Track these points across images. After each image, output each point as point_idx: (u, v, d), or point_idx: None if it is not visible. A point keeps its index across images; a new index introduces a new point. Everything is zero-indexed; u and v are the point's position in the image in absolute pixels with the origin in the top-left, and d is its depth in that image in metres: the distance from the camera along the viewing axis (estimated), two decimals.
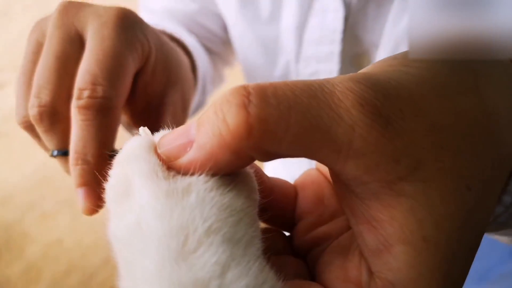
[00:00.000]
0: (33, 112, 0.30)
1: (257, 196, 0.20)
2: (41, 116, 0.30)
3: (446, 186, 0.17)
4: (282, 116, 0.16)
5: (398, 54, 0.20)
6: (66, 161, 0.32)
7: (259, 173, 0.22)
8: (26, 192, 1.45)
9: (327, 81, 0.17)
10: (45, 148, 0.34)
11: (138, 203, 0.17)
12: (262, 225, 0.22)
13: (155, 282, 0.15)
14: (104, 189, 0.21)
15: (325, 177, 0.25)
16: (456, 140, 0.17)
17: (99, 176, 0.27)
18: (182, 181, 0.17)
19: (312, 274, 0.22)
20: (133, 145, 0.19)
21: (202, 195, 0.17)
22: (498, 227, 0.23)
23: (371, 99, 0.16)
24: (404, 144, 0.16)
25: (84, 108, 0.29)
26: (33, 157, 1.61)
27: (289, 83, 0.17)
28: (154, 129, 0.32)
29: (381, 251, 0.17)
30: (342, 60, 0.49)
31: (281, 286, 0.17)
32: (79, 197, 0.29)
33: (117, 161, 0.19)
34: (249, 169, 0.20)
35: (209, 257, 0.15)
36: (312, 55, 0.50)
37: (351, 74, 0.18)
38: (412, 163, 0.16)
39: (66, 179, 0.34)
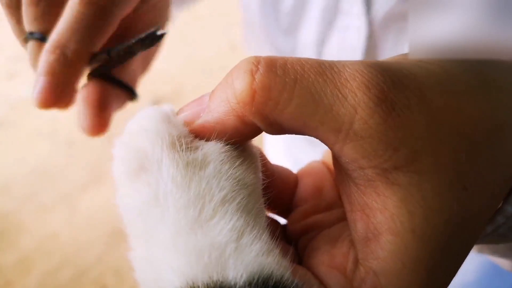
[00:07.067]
0: None
1: (261, 175, 0.20)
2: None
3: (440, 181, 0.17)
4: (286, 87, 0.17)
5: None
6: (38, 49, 0.29)
7: (263, 158, 0.22)
8: (26, 183, 1.45)
9: (339, 62, 0.18)
10: (19, 32, 0.30)
11: (158, 176, 0.17)
12: None
13: (171, 249, 0.16)
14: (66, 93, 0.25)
15: (329, 170, 0.25)
16: (456, 138, 0.17)
17: (69, 77, 0.27)
18: (199, 152, 0.18)
19: (300, 260, 0.22)
20: (149, 117, 0.19)
21: (218, 166, 0.18)
22: (498, 239, 0.22)
23: (379, 82, 0.17)
24: (405, 134, 0.16)
25: (88, 2, 0.26)
26: (37, 149, 1.61)
27: (301, 58, 0.17)
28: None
29: (370, 240, 0.17)
30: None
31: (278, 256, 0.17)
32: (37, 85, 0.27)
33: (129, 132, 0.19)
34: (255, 149, 0.21)
35: (224, 224, 0.16)
36: None
37: (364, 60, 0.18)
38: (410, 154, 0.16)
39: (67, 174, 0.32)
